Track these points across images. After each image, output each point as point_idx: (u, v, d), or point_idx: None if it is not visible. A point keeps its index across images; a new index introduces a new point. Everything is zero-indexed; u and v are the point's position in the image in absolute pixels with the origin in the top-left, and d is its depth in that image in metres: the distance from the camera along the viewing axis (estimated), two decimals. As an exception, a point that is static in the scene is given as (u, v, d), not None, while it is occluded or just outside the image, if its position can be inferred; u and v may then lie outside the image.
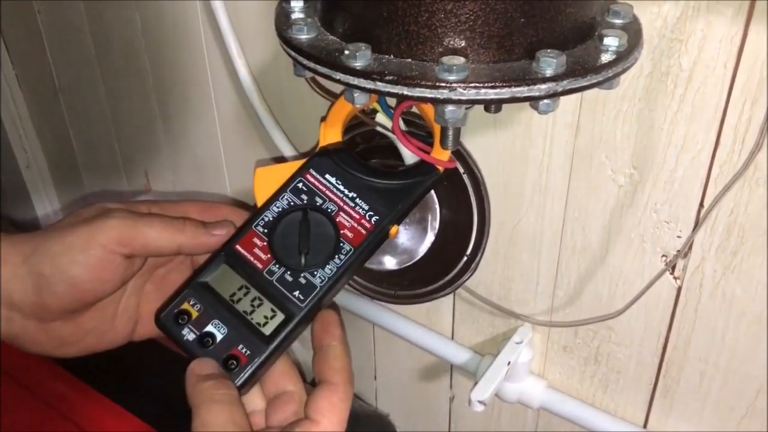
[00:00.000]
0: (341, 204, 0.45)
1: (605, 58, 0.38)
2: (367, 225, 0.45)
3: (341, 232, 0.45)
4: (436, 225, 0.64)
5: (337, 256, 0.44)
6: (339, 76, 0.36)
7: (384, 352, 0.85)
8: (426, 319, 0.76)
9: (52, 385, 0.82)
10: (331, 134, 0.48)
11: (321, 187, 0.46)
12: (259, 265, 0.44)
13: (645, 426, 0.65)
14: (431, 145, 0.49)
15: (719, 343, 0.57)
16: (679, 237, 0.55)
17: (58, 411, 0.79)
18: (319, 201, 0.46)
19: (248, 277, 0.44)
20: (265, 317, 0.43)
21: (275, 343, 0.43)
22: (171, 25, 0.77)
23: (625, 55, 0.38)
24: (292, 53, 0.39)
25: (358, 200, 0.45)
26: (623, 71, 0.38)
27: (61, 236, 0.43)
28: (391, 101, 0.49)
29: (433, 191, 0.62)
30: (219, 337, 0.43)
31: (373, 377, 0.88)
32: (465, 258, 0.63)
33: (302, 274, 0.44)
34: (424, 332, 0.75)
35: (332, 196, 0.46)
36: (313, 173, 0.46)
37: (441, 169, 0.47)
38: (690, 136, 0.51)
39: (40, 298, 0.42)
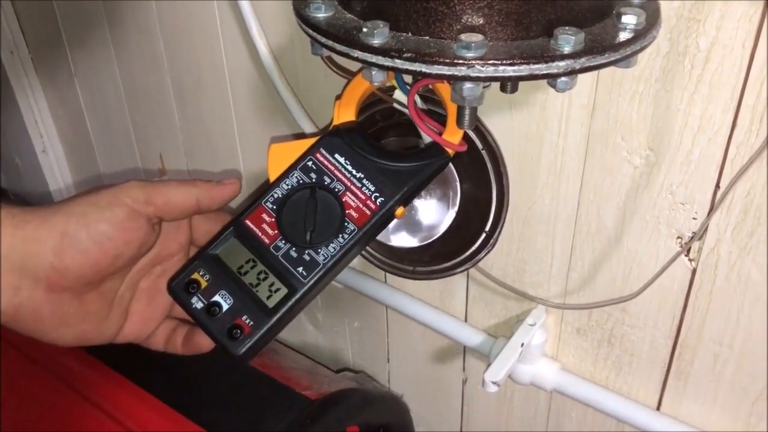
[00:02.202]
0: (348, 184, 0.46)
1: (623, 36, 0.38)
2: (372, 206, 0.46)
3: (347, 211, 0.46)
4: (457, 201, 0.64)
5: (341, 235, 0.45)
6: (357, 53, 0.37)
7: (397, 334, 0.85)
8: (439, 301, 0.76)
9: (70, 364, 0.83)
10: (346, 113, 0.49)
11: (330, 166, 0.47)
12: (267, 240, 0.45)
13: (658, 408, 0.65)
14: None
15: (734, 325, 0.57)
16: (694, 219, 0.55)
17: (76, 390, 0.80)
18: (327, 180, 0.46)
19: (255, 252, 0.45)
20: (270, 291, 0.45)
21: (277, 316, 0.44)
22: (186, 8, 0.78)
23: (644, 33, 0.38)
24: (310, 32, 0.40)
25: (365, 181, 0.46)
26: (641, 49, 0.38)
27: (83, 198, 0.43)
28: (408, 80, 0.50)
29: (453, 168, 0.62)
30: (225, 307, 0.45)
31: (386, 360, 0.89)
32: (484, 234, 0.63)
33: (307, 251, 0.45)
34: (437, 315, 0.76)
35: (340, 175, 0.46)
36: (323, 152, 0.47)
37: (451, 152, 0.48)
38: (707, 117, 0.50)
39: (59, 260, 0.41)
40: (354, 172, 0.46)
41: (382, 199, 0.46)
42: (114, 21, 0.89)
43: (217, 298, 0.45)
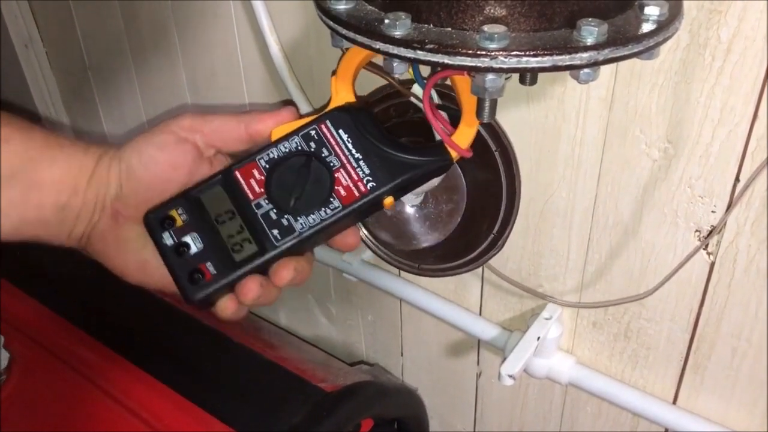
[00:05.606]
0: (345, 161, 0.46)
1: (646, 27, 0.37)
2: (362, 189, 0.45)
3: (335, 188, 0.45)
4: (463, 204, 0.64)
5: (324, 209, 0.45)
6: (378, 45, 0.37)
7: (411, 327, 0.85)
8: (454, 295, 0.76)
9: (80, 351, 0.83)
10: (343, 87, 0.48)
11: (331, 140, 0.46)
12: (250, 196, 0.45)
13: (674, 402, 0.65)
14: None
15: (752, 319, 0.57)
16: (713, 212, 0.54)
17: (91, 381, 0.80)
18: (324, 153, 0.46)
19: (237, 204, 0.45)
20: (241, 245, 0.45)
21: (241, 271, 0.44)
22: (201, 2, 0.78)
23: (666, 25, 0.38)
24: (331, 23, 0.39)
25: (362, 162, 0.46)
26: (664, 41, 0.38)
27: (143, 132, 0.47)
28: (426, 74, 0.49)
29: (459, 169, 0.62)
30: (193, 249, 0.45)
31: (400, 353, 0.89)
32: (492, 235, 0.63)
33: (286, 216, 0.45)
34: (452, 308, 0.76)
35: (339, 151, 0.46)
36: (329, 125, 0.47)
37: (454, 157, 0.47)
38: (727, 109, 0.50)
39: (120, 188, 0.45)
40: (353, 151, 0.46)
41: (374, 184, 0.45)
42: (128, 13, 0.89)
43: (187, 239, 0.45)
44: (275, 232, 0.45)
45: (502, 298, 0.73)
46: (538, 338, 0.65)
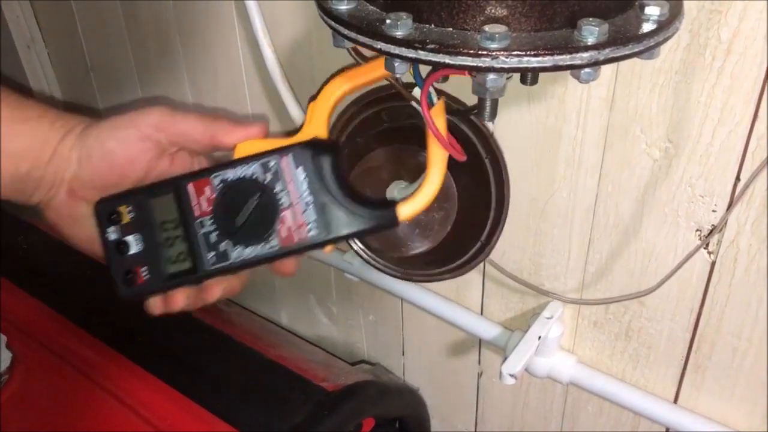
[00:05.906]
0: (294, 203, 0.45)
1: (646, 27, 0.37)
2: (303, 235, 0.45)
3: (278, 227, 0.45)
4: (454, 212, 0.64)
5: (261, 245, 0.45)
6: (380, 45, 0.37)
7: (412, 327, 0.86)
8: (455, 294, 0.77)
9: (82, 351, 0.83)
10: (318, 116, 0.47)
11: (287, 176, 0.45)
12: (197, 212, 0.46)
13: (675, 401, 0.65)
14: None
15: (753, 318, 0.57)
16: (714, 211, 0.54)
17: (88, 376, 0.81)
18: (277, 188, 0.45)
19: (183, 217, 0.46)
20: (177, 257, 0.46)
21: (171, 284, 0.46)
22: (202, 2, 0.78)
23: (667, 25, 0.38)
24: (332, 23, 0.39)
25: (310, 207, 0.45)
26: (664, 40, 0.38)
27: (111, 119, 0.47)
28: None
29: (451, 176, 0.62)
30: (133, 250, 0.46)
31: (401, 353, 0.89)
32: (479, 243, 0.62)
33: (224, 242, 0.45)
34: (453, 308, 0.76)
35: (291, 190, 0.45)
36: (289, 160, 0.46)
37: (402, 219, 0.46)
38: (728, 109, 0.50)
39: (80, 169, 0.46)
40: (305, 194, 0.45)
41: (314, 233, 0.45)
42: (130, 15, 0.89)
43: (130, 238, 0.46)
44: (211, 255, 0.45)
45: (504, 297, 0.73)
46: (540, 337, 0.65)
